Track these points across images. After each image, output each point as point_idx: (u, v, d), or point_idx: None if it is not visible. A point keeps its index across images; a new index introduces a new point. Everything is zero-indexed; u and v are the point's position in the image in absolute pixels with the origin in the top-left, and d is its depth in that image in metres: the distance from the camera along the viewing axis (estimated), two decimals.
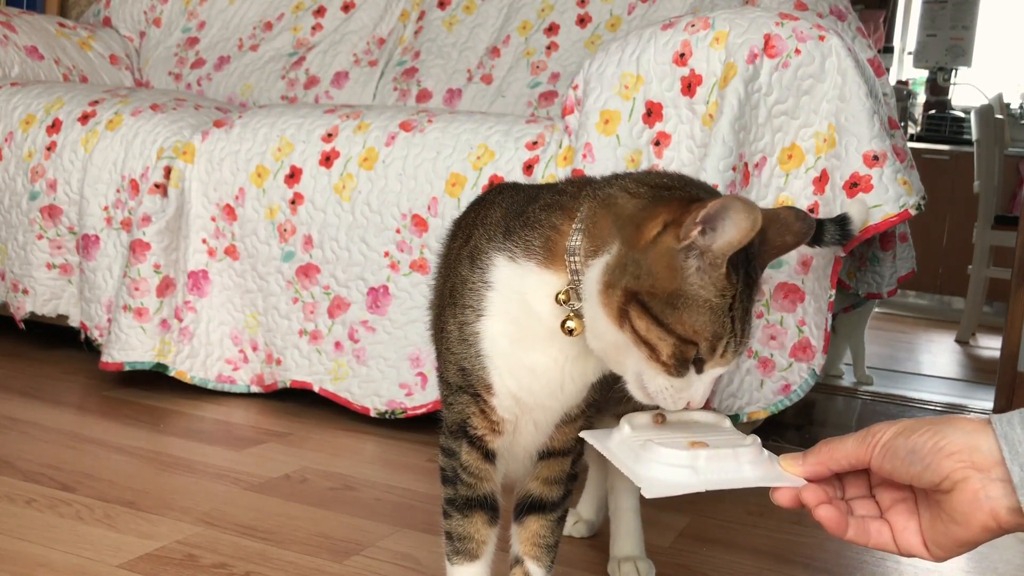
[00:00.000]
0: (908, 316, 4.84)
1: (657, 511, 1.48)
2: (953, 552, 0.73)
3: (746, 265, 0.79)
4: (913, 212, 1.55)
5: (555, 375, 0.88)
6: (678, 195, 0.80)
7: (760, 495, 1.67)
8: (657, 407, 0.84)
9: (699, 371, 0.79)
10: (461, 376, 0.91)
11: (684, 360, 0.78)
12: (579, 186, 0.88)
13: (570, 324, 0.83)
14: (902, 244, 2.00)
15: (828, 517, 0.76)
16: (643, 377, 0.81)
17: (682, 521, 1.50)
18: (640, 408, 0.85)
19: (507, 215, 0.90)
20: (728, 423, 0.87)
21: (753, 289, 0.80)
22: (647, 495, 0.76)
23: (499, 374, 0.89)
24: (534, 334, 0.86)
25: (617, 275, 0.79)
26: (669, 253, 0.77)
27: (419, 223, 1.80)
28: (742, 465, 0.79)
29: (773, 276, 1.63)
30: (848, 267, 1.99)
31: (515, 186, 0.99)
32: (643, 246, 0.78)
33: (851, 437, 0.76)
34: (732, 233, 0.74)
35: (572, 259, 0.82)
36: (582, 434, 0.87)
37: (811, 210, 1.60)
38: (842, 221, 1.41)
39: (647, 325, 0.77)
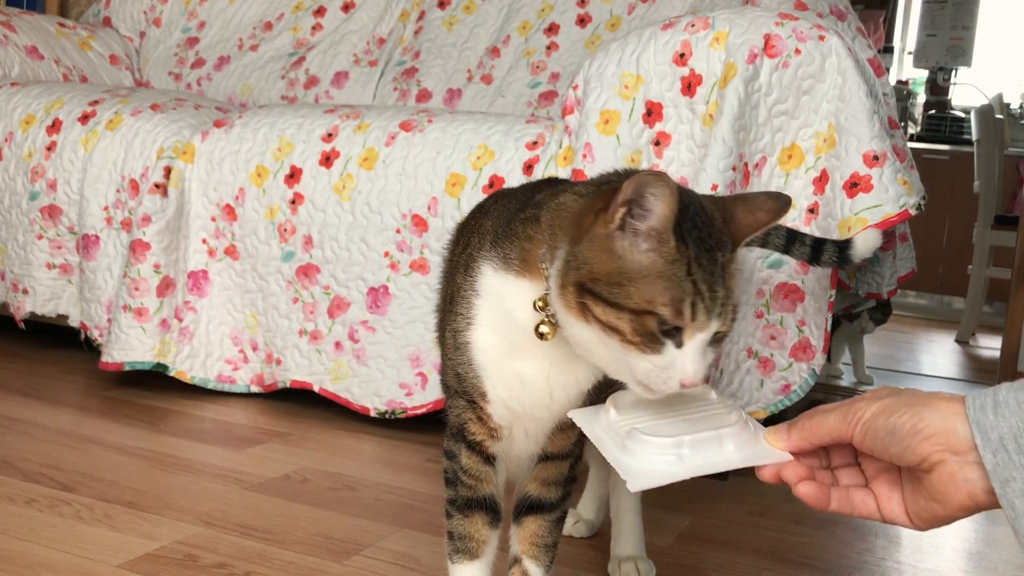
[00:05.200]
0: (908, 316, 4.84)
1: (658, 511, 1.48)
2: (933, 525, 0.74)
3: (698, 231, 0.79)
4: (913, 212, 1.55)
5: (542, 384, 0.89)
6: (614, 186, 0.80)
7: (760, 495, 1.67)
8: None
9: (678, 344, 0.78)
10: (457, 381, 0.93)
11: (649, 333, 0.77)
12: (552, 195, 0.89)
13: (543, 328, 0.84)
14: (902, 244, 2.00)
15: (808, 493, 0.77)
16: (630, 368, 0.80)
17: (683, 521, 1.50)
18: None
19: (496, 224, 0.92)
20: (713, 394, 0.87)
21: (716, 254, 0.79)
22: (632, 488, 0.77)
23: (491, 383, 0.90)
24: (520, 343, 0.87)
25: (566, 273, 0.81)
26: (600, 238, 0.79)
27: (419, 223, 1.80)
28: (726, 447, 0.79)
29: (773, 276, 1.63)
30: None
31: (511, 193, 1.00)
32: (581, 240, 0.80)
33: (834, 412, 0.76)
34: (661, 206, 0.76)
35: (543, 267, 0.84)
36: (570, 414, 0.87)
37: (811, 210, 1.60)
38: (844, 246, 1.41)
39: (603, 309, 0.78)
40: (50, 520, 1.28)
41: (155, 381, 2.01)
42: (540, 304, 0.84)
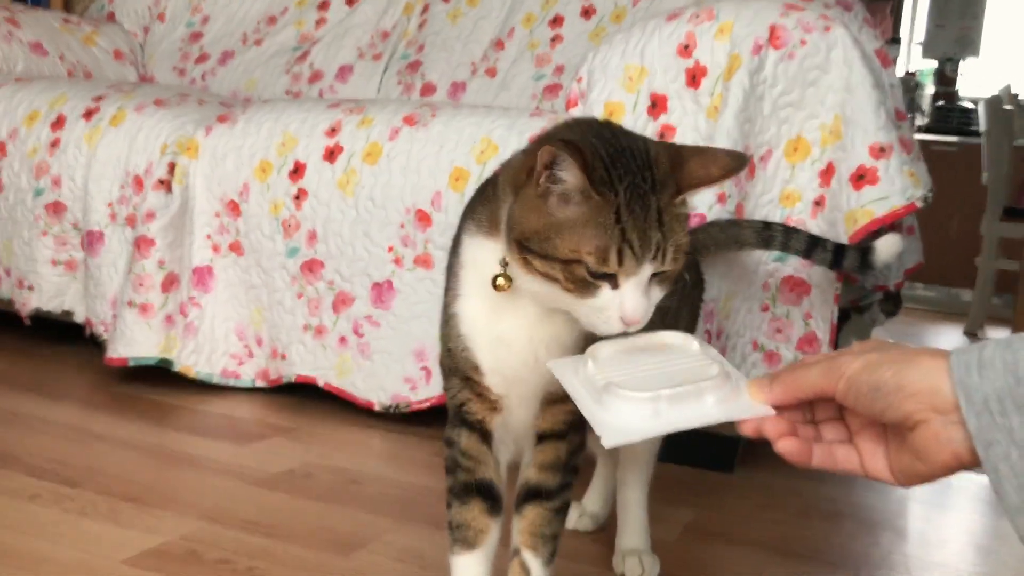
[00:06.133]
0: (916, 308, 4.82)
1: (663, 505, 1.47)
2: (916, 482, 0.72)
3: (631, 176, 0.80)
4: (920, 205, 1.54)
5: (525, 343, 0.90)
6: (544, 143, 0.81)
7: (766, 488, 1.66)
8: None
9: (614, 286, 0.80)
10: (450, 358, 0.94)
11: (580, 279, 0.80)
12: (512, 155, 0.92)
13: (499, 281, 0.86)
14: (909, 236, 1.99)
15: (789, 450, 0.75)
16: (576, 311, 0.82)
17: (688, 515, 1.49)
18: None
19: (477, 198, 0.94)
20: (696, 345, 0.85)
21: (650, 199, 0.80)
22: (605, 444, 0.75)
23: (480, 351, 0.91)
24: (500, 306, 0.89)
25: (507, 230, 0.84)
26: (530, 198, 0.81)
27: (423, 218, 1.79)
28: (705, 402, 0.77)
29: (779, 269, 1.62)
30: None
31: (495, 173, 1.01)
32: (516, 198, 0.83)
33: (817, 366, 0.74)
34: (571, 175, 0.79)
35: (501, 223, 0.87)
36: (549, 364, 0.86)
37: (817, 203, 1.59)
38: (865, 252, 1.40)
39: (540, 263, 0.81)
40: (54, 516, 1.28)
41: (161, 376, 2.00)
42: (506, 261, 0.86)
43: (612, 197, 0.79)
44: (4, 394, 1.87)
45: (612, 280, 0.80)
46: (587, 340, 0.88)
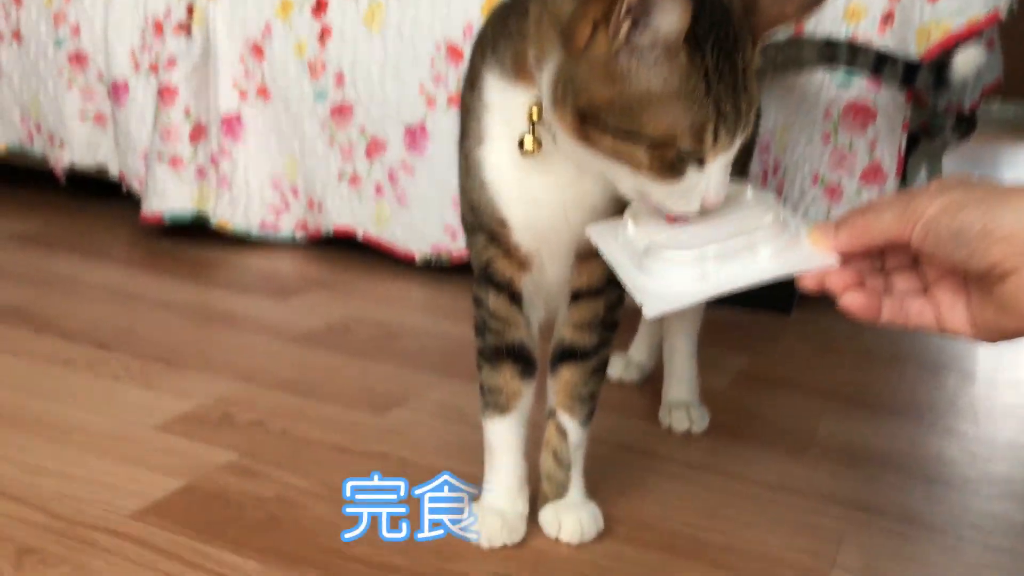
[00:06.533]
0: (992, 130, 4.57)
1: (714, 350, 1.40)
2: (1003, 339, 0.65)
3: (717, 31, 0.68)
4: (1004, 15, 1.38)
5: (556, 203, 0.81)
6: None
7: (825, 331, 1.58)
8: None
9: (700, 165, 0.70)
10: (473, 213, 0.86)
11: (669, 163, 0.69)
12: None
13: (526, 143, 0.77)
14: (988, 51, 1.81)
15: (856, 304, 0.68)
16: (645, 192, 0.72)
17: (741, 361, 1.42)
18: None
19: (495, 28, 0.81)
20: (748, 191, 0.77)
21: (736, 58, 0.69)
22: (647, 314, 0.68)
23: (508, 205, 0.82)
24: (529, 158, 0.79)
25: (562, 91, 0.70)
26: (602, 59, 0.68)
27: (454, 53, 1.67)
28: (759, 256, 0.70)
29: (841, 95, 1.48)
30: None
31: None
32: (578, 55, 0.69)
33: (890, 208, 0.65)
34: (671, 20, 0.65)
35: (533, 70, 0.75)
36: (587, 229, 0.79)
37: (886, 18, 1.43)
38: (941, 68, 1.26)
39: (611, 141, 0.69)
40: (86, 381, 1.26)
41: (199, 233, 1.96)
42: (535, 113, 0.76)
43: (700, 60, 0.67)
44: (41, 255, 1.85)
45: (699, 159, 0.70)
46: (622, 198, 0.79)
